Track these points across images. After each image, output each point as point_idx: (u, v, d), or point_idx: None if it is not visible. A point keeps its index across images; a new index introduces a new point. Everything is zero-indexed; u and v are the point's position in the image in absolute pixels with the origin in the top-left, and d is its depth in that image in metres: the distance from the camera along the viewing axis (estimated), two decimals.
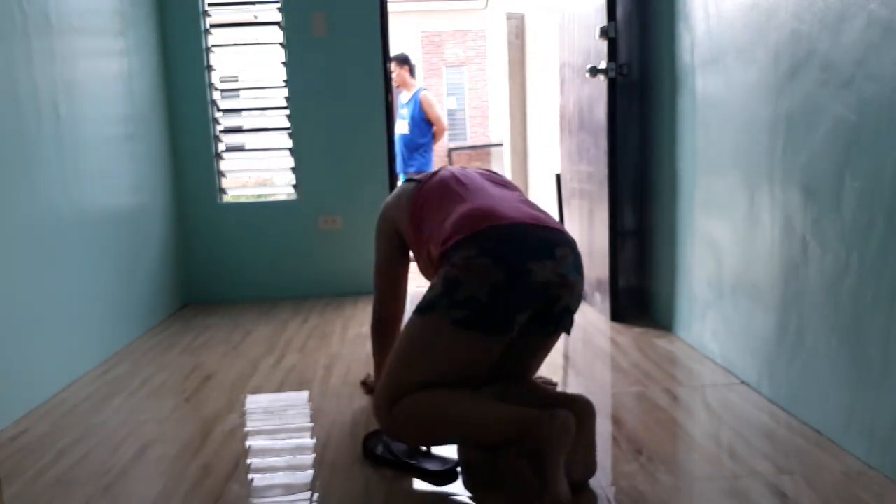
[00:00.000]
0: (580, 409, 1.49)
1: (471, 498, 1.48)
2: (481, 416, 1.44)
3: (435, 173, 1.80)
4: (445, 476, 1.54)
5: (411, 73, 5.27)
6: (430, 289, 1.52)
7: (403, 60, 5.19)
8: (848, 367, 1.59)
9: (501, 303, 1.43)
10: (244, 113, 3.64)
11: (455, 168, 1.82)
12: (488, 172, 1.83)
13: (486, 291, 1.42)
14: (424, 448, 1.63)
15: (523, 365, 1.63)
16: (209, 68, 3.46)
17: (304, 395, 2.14)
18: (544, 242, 1.49)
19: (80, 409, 2.07)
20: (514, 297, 1.44)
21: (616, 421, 1.85)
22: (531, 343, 1.58)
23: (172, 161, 3.42)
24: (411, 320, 1.53)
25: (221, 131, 3.55)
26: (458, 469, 1.57)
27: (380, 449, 1.64)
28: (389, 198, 1.91)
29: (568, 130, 3.33)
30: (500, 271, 1.43)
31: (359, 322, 3.02)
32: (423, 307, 1.50)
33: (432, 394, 1.46)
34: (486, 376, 1.54)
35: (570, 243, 1.55)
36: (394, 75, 4.83)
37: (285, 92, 3.48)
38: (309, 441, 1.81)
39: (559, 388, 2.11)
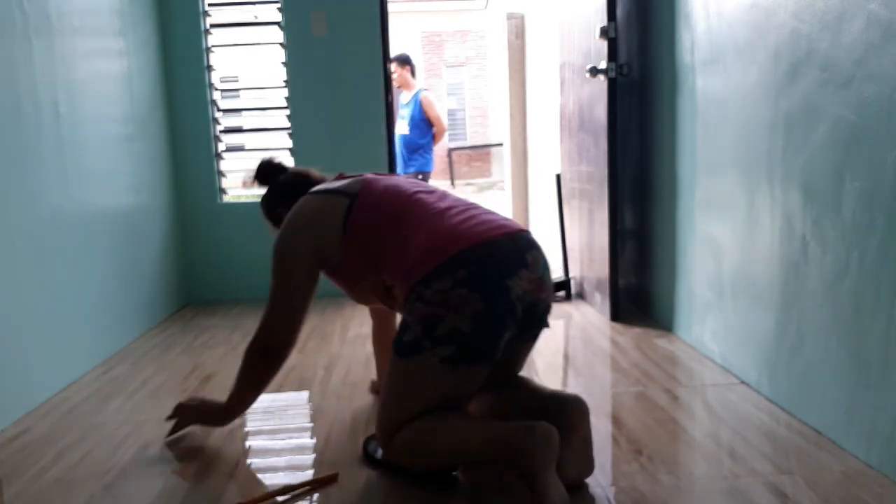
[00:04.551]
0: (573, 409, 1.48)
1: (471, 499, 1.48)
2: (469, 443, 1.42)
3: (365, 185, 1.68)
4: (441, 478, 1.54)
5: (412, 73, 5.26)
6: (406, 329, 1.46)
7: (405, 61, 5.19)
8: (848, 367, 1.59)
9: (485, 330, 1.41)
10: (244, 113, 3.64)
11: (380, 179, 1.72)
12: (412, 180, 1.76)
13: (468, 322, 1.40)
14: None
15: (511, 368, 1.63)
16: (209, 68, 3.46)
17: (304, 395, 2.14)
18: (514, 253, 1.47)
19: (80, 409, 2.07)
20: (497, 319, 1.42)
21: (616, 421, 1.85)
22: (516, 347, 1.58)
23: (172, 161, 3.41)
24: (393, 364, 1.49)
25: (221, 131, 3.55)
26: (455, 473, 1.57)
27: (380, 453, 1.64)
28: (299, 214, 1.69)
29: (568, 130, 3.33)
30: (478, 299, 1.39)
31: (359, 322, 3.02)
32: (404, 350, 1.46)
33: (424, 425, 1.45)
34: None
35: (534, 243, 1.54)
36: (395, 76, 4.83)
37: (285, 92, 3.48)
38: (309, 441, 1.81)
39: (557, 388, 2.11)
